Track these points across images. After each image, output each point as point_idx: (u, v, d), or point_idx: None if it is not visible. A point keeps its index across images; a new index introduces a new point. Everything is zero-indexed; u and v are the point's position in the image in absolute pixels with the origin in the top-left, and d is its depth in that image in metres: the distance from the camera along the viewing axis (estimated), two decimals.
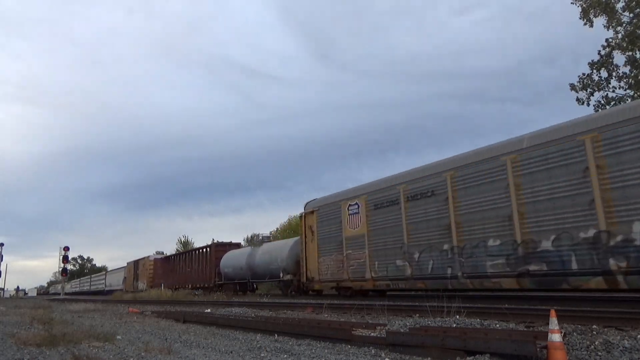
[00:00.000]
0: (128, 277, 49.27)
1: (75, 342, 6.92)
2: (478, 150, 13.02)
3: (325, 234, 18.06)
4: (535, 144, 11.20)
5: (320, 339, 6.81)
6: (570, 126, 10.66)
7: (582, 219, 10.01)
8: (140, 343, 6.98)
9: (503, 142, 12.33)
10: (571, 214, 10.21)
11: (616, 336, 5.36)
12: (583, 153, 10.14)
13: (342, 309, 11.21)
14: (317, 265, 18.12)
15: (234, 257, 28.04)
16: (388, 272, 14.77)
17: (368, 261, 15.54)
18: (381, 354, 5.60)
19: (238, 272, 26.78)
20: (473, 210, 12.39)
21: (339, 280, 16.94)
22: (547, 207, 10.69)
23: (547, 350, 4.49)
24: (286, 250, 22.48)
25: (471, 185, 12.56)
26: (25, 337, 7.65)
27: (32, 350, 6.39)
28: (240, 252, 28.33)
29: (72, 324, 10.70)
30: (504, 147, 12.04)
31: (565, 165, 10.46)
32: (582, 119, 10.69)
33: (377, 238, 15.39)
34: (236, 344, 6.82)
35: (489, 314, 7.96)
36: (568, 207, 10.28)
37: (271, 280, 24.13)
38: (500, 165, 11.85)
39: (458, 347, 5.16)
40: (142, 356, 5.79)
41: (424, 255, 13.63)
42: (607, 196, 9.62)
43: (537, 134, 11.40)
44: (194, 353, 6.02)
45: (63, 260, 42.89)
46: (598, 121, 10.16)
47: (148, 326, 10.07)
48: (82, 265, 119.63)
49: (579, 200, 10.10)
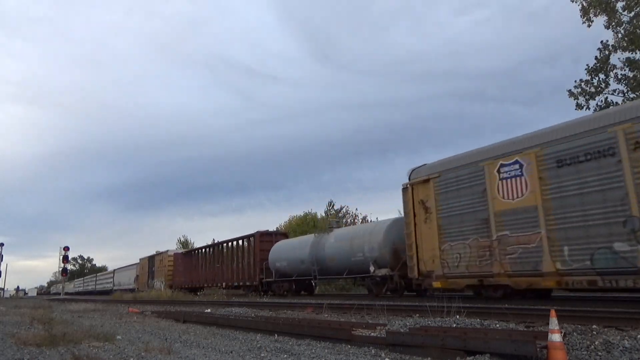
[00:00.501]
0: (141, 275, 44.78)
1: (75, 342, 6.92)
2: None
3: (452, 210, 12.86)
4: None
5: (320, 339, 6.81)
6: None
7: None
8: (140, 343, 6.98)
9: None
10: None
11: (616, 336, 5.36)
12: None
13: (342, 309, 11.21)
14: (437, 254, 13.09)
15: (289, 249, 22.50)
16: (594, 261, 9.85)
17: (547, 245, 10.60)
18: (381, 354, 5.60)
19: (297, 267, 21.26)
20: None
21: (484, 274, 11.95)
22: None
23: (547, 350, 4.49)
24: (378, 235, 16.68)
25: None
26: (25, 337, 7.65)
27: (32, 350, 6.39)
28: (298, 241, 23.03)
29: (72, 324, 10.71)
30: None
31: None
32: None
33: (565, 210, 10.42)
34: (236, 344, 6.82)
35: (489, 314, 7.95)
36: None
37: (351, 277, 18.54)
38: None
39: (458, 347, 5.16)
40: (142, 356, 5.79)
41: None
42: None
43: None
44: (194, 353, 6.02)
45: (63, 260, 42.86)
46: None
47: (148, 326, 10.07)
48: (82, 265, 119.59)
49: None
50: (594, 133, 10.12)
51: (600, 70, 20.85)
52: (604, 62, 20.76)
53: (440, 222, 13.20)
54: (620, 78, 20.65)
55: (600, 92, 20.99)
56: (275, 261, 22.92)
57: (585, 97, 21.22)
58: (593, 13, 20.80)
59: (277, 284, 22.92)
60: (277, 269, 22.74)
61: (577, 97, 21.34)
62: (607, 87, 20.91)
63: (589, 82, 21.17)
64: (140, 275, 44.96)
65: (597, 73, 20.98)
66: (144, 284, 42.55)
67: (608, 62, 20.76)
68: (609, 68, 20.76)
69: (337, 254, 18.75)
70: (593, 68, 20.98)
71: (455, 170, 12.96)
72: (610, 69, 20.76)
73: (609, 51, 20.65)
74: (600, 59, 20.80)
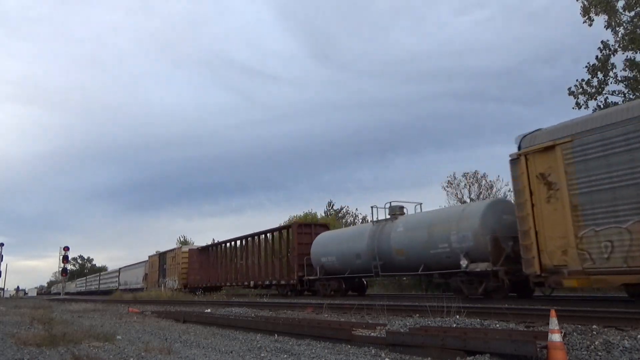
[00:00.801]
0: (150, 273, 41.68)
1: (75, 342, 6.92)
2: None
3: (597, 184, 9.68)
4: None
5: (320, 339, 6.81)
6: None
7: None
8: (140, 343, 6.98)
9: None
10: None
11: (616, 336, 5.36)
12: None
13: (342, 309, 11.21)
14: (571, 243, 9.93)
15: (339, 241, 19.01)
16: None
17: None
18: (381, 354, 5.60)
19: (350, 262, 17.85)
20: None
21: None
22: None
23: (547, 350, 4.49)
24: (472, 220, 13.23)
25: None
26: (25, 337, 7.65)
27: (32, 350, 6.39)
28: (352, 231, 19.76)
29: (72, 324, 10.71)
30: None
31: None
32: None
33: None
34: (236, 344, 6.82)
35: (489, 314, 7.95)
36: None
37: (429, 273, 14.86)
38: None
39: (458, 347, 5.16)
40: (142, 356, 5.79)
41: None
42: None
43: None
44: (194, 353, 6.02)
45: (63, 260, 42.86)
46: None
47: (148, 326, 10.08)
48: (82, 265, 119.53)
49: None
50: None
51: (600, 69, 20.85)
52: (604, 62, 20.76)
53: (577, 201, 9.96)
54: (620, 79, 20.65)
55: (601, 91, 20.99)
56: (319, 256, 19.48)
57: (585, 97, 21.22)
58: (594, 12, 20.79)
59: (322, 283, 19.27)
60: (323, 265, 19.25)
61: (576, 96, 21.35)
62: (606, 86, 20.91)
63: (589, 81, 21.17)
64: (150, 274, 41.96)
65: (597, 72, 20.98)
66: (154, 283, 39.52)
67: (608, 62, 20.76)
68: (610, 68, 20.76)
69: (408, 245, 15.12)
70: (593, 67, 20.98)
71: (602, 131, 9.68)
72: (610, 68, 20.76)
73: (609, 51, 20.65)
74: (600, 58, 20.80)
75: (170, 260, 36.23)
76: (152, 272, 41.24)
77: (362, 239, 17.37)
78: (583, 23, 21.04)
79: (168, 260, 36.81)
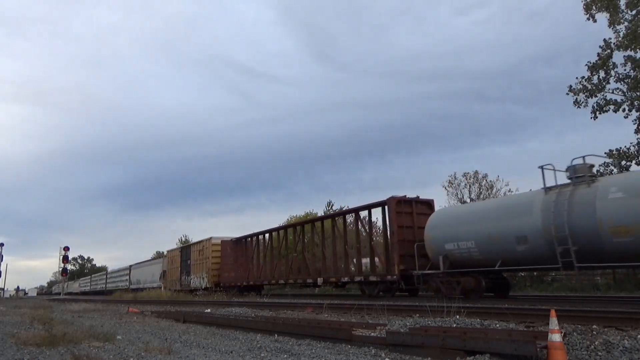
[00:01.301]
0: (170, 270, 36.58)
1: (75, 342, 6.92)
2: None
3: None
4: None
5: (320, 339, 6.81)
6: None
7: None
8: (140, 343, 6.98)
9: None
10: None
11: (616, 336, 5.36)
12: None
13: (342, 309, 11.21)
14: None
15: (478, 218, 13.71)
16: None
17: None
18: (381, 354, 5.60)
19: (506, 250, 12.52)
20: None
21: None
22: None
23: (547, 350, 4.49)
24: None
25: None
26: (25, 337, 7.65)
27: (32, 350, 6.39)
28: (502, 204, 13.70)
29: (72, 324, 10.71)
30: None
31: None
32: None
33: None
34: (236, 344, 6.82)
35: (489, 314, 7.96)
36: None
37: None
38: None
39: (458, 347, 5.16)
40: (142, 356, 5.79)
41: None
42: None
43: None
44: (194, 353, 6.02)
45: (63, 260, 42.86)
46: None
47: (148, 326, 10.08)
48: (82, 265, 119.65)
49: None
50: None
51: (601, 67, 20.85)
52: (605, 60, 20.76)
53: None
54: (621, 77, 20.65)
55: (601, 90, 20.99)
56: (441, 242, 14.40)
57: (585, 95, 21.22)
58: (595, 9, 20.75)
59: (446, 280, 14.23)
60: (447, 255, 14.15)
61: (577, 94, 21.35)
62: (607, 85, 20.91)
63: (589, 79, 21.17)
64: (169, 271, 36.81)
65: (597, 70, 20.98)
66: (175, 281, 34.46)
67: (609, 60, 20.75)
68: (611, 67, 20.75)
69: (637, 220, 9.89)
70: (594, 65, 20.97)
71: None
72: (612, 67, 20.75)
73: (610, 49, 20.64)
74: (602, 56, 20.79)
75: (196, 254, 31.02)
76: (171, 269, 36.42)
77: (527, 213, 12.10)
78: (586, 20, 20.98)
79: (193, 255, 31.72)
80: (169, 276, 36.92)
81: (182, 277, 33.60)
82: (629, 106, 20.45)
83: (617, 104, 20.64)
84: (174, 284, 34.69)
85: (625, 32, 20.11)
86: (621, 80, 20.68)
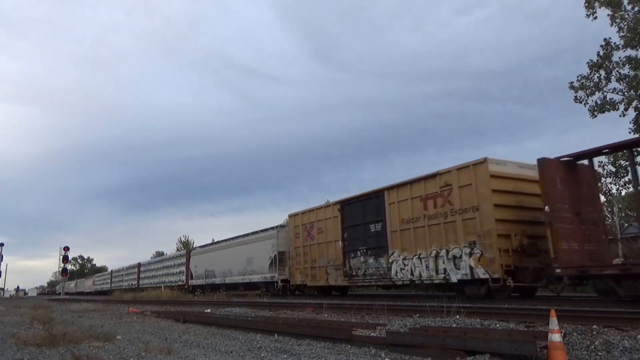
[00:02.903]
0: (298, 249, 20.69)
1: (75, 342, 6.92)
2: None
3: None
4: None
5: (320, 339, 6.81)
6: None
7: None
8: (140, 343, 6.98)
9: None
10: None
11: (616, 336, 5.36)
12: None
13: (342, 309, 11.21)
14: None
15: None
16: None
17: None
18: (381, 354, 5.60)
19: None
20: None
21: None
22: None
23: (547, 350, 4.49)
24: None
25: None
26: (25, 337, 7.65)
27: (32, 350, 6.39)
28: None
29: (72, 324, 10.71)
30: None
31: None
32: None
33: None
34: (236, 344, 6.82)
35: (489, 314, 7.95)
36: None
37: None
38: None
39: (458, 347, 5.16)
40: (142, 356, 5.79)
41: None
42: None
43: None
44: (194, 353, 6.02)
45: (63, 260, 42.82)
46: None
47: (148, 326, 10.07)
48: (83, 265, 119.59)
49: None
50: None
51: (601, 65, 20.83)
52: (605, 58, 20.73)
53: None
54: (621, 77, 20.64)
55: (601, 88, 20.97)
56: None
57: (585, 92, 21.20)
58: (597, 5, 20.69)
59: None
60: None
61: (577, 90, 21.33)
62: (607, 84, 20.89)
63: (589, 77, 21.14)
64: (296, 251, 20.89)
65: (598, 69, 20.96)
66: (327, 267, 18.66)
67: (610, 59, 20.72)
68: (612, 66, 20.73)
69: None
70: (594, 63, 20.96)
71: None
72: (613, 67, 20.73)
73: (611, 48, 20.62)
74: (602, 55, 20.76)
75: (417, 204, 15.05)
76: (305, 248, 20.36)
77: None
78: (587, 16, 20.90)
79: (402, 208, 15.66)
80: (298, 261, 20.78)
81: (352, 259, 17.69)
82: (626, 105, 20.45)
83: (613, 104, 20.64)
84: (321, 274, 18.96)
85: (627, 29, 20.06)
86: (620, 79, 20.67)
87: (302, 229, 20.91)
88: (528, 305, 9.23)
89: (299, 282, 20.80)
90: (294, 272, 21.17)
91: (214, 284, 29.55)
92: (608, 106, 20.67)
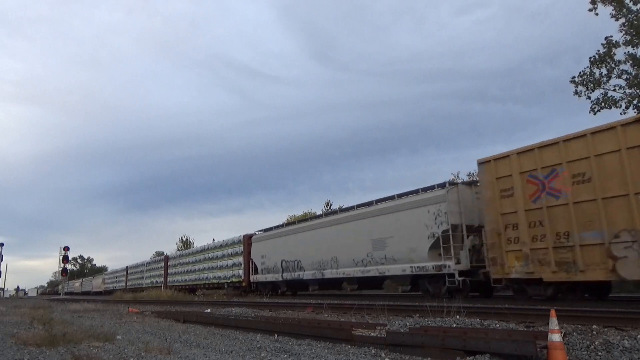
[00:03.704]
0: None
1: (75, 342, 6.92)
2: None
3: None
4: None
5: (320, 339, 6.81)
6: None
7: None
8: (140, 343, 6.98)
9: None
10: None
11: (616, 336, 5.36)
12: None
13: (342, 309, 11.21)
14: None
15: None
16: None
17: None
18: (381, 354, 5.59)
19: None
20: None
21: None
22: None
23: (547, 350, 4.49)
24: None
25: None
26: (25, 337, 7.65)
27: (32, 350, 6.39)
28: None
29: (72, 324, 10.70)
30: None
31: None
32: None
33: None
34: (236, 344, 6.82)
35: (489, 314, 7.95)
36: None
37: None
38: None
39: (458, 347, 5.16)
40: (142, 356, 5.78)
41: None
42: None
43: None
44: (194, 353, 6.01)
45: (63, 260, 42.82)
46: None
47: (148, 326, 10.07)
48: (83, 265, 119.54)
49: None
50: None
51: (602, 62, 20.81)
52: (606, 55, 20.71)
53: None
54: (621, 74, 20.62)
55: (601, 84, 20.95)
56: None
57: (586, 87, 21.18)
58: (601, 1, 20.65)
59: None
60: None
61: (577, 85, 21.30)
62: (609, 81, 20.87)
63: (591, 72, 21.11)
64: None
65: (599, 65, 20.94)
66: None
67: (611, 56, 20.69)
68: (614, 66, 20.71)
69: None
70: (595, 60, 20.93)
71: None
72: (615, 65, 20.71)
73: (612, 46, 20.60)
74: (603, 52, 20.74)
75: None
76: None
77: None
78: (588, 10, 20.85)
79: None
80: (509, 238, 11.79)
81: None
82: (627, 103, 20.44)
83: (614, 101, 20.62)
84: (591, 258, 10.42)
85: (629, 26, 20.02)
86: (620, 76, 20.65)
87: (519, 181, 12.16)
88: (528, 305, 9.23)
89: (518, 275, 11.91)
90: (502, 256, 12.30)
91: (299, 280, 20.88)
92: (609, 102, 20.65)
